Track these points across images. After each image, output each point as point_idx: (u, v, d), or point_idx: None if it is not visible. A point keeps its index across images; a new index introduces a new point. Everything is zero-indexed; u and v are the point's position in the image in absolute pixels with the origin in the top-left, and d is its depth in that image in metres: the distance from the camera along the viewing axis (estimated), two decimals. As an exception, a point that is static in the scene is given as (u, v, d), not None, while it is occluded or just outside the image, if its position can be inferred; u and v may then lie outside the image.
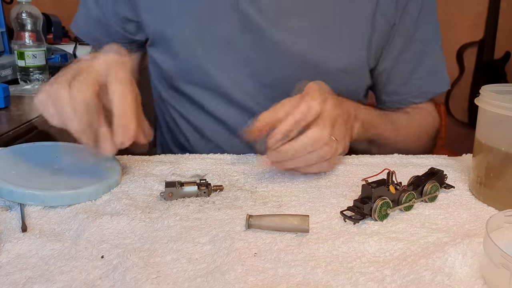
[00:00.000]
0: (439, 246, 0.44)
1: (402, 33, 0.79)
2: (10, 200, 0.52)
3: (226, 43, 0.77)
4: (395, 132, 0.79)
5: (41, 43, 1.20)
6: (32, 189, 0.51)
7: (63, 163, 0.59)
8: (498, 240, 0.37)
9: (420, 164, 0.66)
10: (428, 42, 0.82)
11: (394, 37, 0.79)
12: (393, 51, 0.80)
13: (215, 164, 0.65)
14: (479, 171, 0.55)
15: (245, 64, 0.78)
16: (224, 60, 0.78)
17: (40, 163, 0.57)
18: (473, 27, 2.15)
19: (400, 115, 0.83)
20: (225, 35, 0.76)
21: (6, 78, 1.22)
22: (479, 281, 0.39)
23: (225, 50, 0.77)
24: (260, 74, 0.78)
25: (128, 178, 0.59)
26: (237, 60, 0.78)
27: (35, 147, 0.61)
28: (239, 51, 0.77)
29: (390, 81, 0.84)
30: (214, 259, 0.42)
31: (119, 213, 0.50)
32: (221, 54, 0.77)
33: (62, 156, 0.60)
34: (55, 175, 0.55)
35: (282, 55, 0.76)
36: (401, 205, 0.51)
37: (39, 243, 0.44)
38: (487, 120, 0.54)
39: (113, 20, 0.82)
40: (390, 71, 0.82)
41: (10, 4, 1.48)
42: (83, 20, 0.86)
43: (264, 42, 0.76)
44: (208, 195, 0.55)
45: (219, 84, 0.79)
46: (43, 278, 0.39)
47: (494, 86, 0.55)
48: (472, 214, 0.51)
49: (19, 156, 0.52)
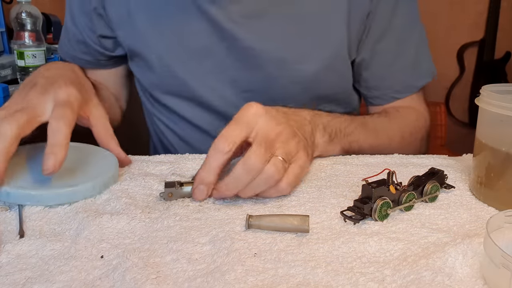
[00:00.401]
0: (440, 246, 0.43)
1: (379, 21, 0.76)
2: (7, 201, 0.52)
3: (200, 52, 0.76)
4: (374, 138, 0.75)
5: (40, 43, 1.20)
6: (28, 190, 0.51)
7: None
8: (499, 240, 0.37)
9: (420, 164, 0.66)
10: (407, 29, 0.79)
11: (371, 26, 0.76)
12: (370, 40, 0.77)
13: (215, 164, 0.65)
14: (479, 171, 0.55)
15: (220, 71, 0.77)
16: (200, 69, 0.77)
17: (34, 164, 0.57)
18: (474, 27, 2.14)
19: (377, 119, 0.79)
20: (198, 44, 0.75)
21: (5, 78, 1.21)
22: (480, 281, 0.39)
23: (199, 59, 0.76)
24: (237, 80, 0.77)
25: (128, 177, 0.59)
26: (213, 68, 0.77)
27: (27, 148, 0.61)
28: (214, 59, 0.76)
29: (370, 74, 0.81)
30: (214, 259, 0.42)
31: (119, 212, 0.50)
32: (196, 63, 0.77)
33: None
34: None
35: (257, 59, 0.75)
36: (401, 205, 0.51)
37: (39, 243, 0.44)
38: (488, 120, 0.54)
39: (90, 38, 0.82)
40: (369, 62, 0.79)
41: (10, 4, 1.48)
42: (65, 41, 0.87)
43: (238, 48, 0.74)
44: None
45: (197, 94, 0.79)
46: (43, 278, 0.39)
47: (494, 86, 0.55)
48: (472, 214, 0.51)
49: (13, 157, 0.52)
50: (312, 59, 0.75)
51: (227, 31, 0.73)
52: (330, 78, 0.78)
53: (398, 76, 0.81)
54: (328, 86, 0.74)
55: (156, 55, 0.78)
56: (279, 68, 0.75)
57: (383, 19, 0.76)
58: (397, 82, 0.81)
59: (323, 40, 0.75)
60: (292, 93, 0.77)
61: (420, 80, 0.82)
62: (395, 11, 0.76)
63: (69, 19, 0.84)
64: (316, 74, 0.76)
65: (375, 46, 0.78)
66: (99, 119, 0.64)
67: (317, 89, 0.78)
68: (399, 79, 0.81)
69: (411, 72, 0.81)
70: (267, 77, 0.76)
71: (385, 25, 0.77)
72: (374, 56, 0.79)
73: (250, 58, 0.75)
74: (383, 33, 0.77)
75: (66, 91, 0.58)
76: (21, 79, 1.20)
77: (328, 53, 0.76)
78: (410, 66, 0.81)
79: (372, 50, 0.78)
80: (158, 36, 0.76)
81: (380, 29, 0.77)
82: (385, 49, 0.79)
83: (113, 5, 0.78)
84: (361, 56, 0.79)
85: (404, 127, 0.80)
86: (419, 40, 0.81)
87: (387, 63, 0.80)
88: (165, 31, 0.76)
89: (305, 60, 0.75)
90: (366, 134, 0.74)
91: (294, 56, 0.75)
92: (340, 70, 0.79)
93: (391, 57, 0.79)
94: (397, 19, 0.77)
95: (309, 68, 0.76)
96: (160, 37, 0.76)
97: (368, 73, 0.81)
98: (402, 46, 0.79)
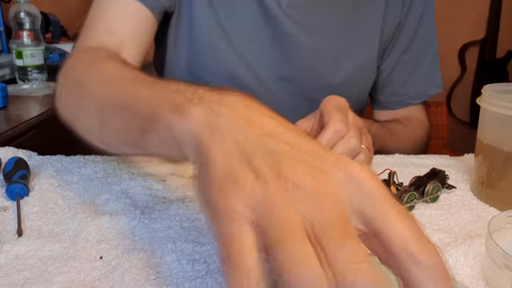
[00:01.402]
0: (441, 247, 0.43)
1: (406, 32, 0.80)
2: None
3: (246, 33, 0.77)
4: (395, 143, 0.79)
5: (39, 42, 1.20)
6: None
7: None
8: (500, 241, 0.37)
9: (421, 164, 0.65)
10: (428, 42, 0.83)
11: (399, 36, 0.80)
12: (396, 50, 0.81)
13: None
14: (481, 171, 0.54)
15: (261, 55, 0.78)
16: (243, 49, 0.78)
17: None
18: (475, 26, 2.14)
19: (396, 125, 0.83)
20: (244, 26, 0.76)
21: (4, 78, 1.21)
22: (481, 282, 0.39)
23: (244, 40, 0.77)
24: (275, 66, 0.78)
25: (128, 177, 0.59)
26: (255, 50, 0.78)
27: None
28: (258, 42, 0.77)
29: (390, 81, 0.84)
30: (214, 260, 0.42)
31: (118, 213, 0.50)
32: (240, 43, 0.77)
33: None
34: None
35: (297, 48, 0.76)
36: (402, 205, 0.50)
37: (37, 244, 0.44)
38: (489, 120, 0.54)
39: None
40: (391, 71, 0.83)
41: (9, 3, 1.48)
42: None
43: (281, 35, 0.76)
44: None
45: (234, 72, 0.79)
46: (42, 279, 0.39)
47: (496, 86, 0.55)
48: (474, 214, 0.51)
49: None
50: (348, 57, 0.78)
51: (274, 17, 0.75)
52: (359, 80, 0.80)
53: (415, 84, 0.84)
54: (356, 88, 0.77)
55: (203, 26, 0.75)
56: (316, 60, 0.77)
57: (410, 30, 0.80)
58: (414, 90, 0.84)
59: (361, 41, 0.78)
60: (323, 89, 0.78)
61: (433, 90, 0.85)
62: (420, 23, 0.80)
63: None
64: (351, 71, 0.78)
65: (401, 56, 0.82)
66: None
67: (348, 89, 0.80)
68: (416, 87, 0.84)
69: (426, 80, 0.85)
70: (306, 68, 0.78)
71: (411, 36, 0.81)
72: (398, 65, 0.82)
73: (291, 46, 0.76)
74: (409, 45, 0.81)
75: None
76: (20, 78, 1.20)
77: (364, 54, 0.79)
78: (426, 75, 0.84)
79: (397, 59, 0.82)
80: (210, 12, 0.75)
81: (406, 40, 0.81)
82: (408, 59, 0.82)
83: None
84: (385, 64, 0.82)
85: (414, 134, 0.84)
86: (434, 53, 0.85)
87: (408, 72, 0.83)
88: (218, 9, 0.75)
89: (342, 56, 0.78)
90: (391, 139, 0.78)
91: (333, 51, 0.77)
92: (368, 74, 0.82)
93: (412, 67, 0.83)
94: (421, 31, 0.81)
95: (344, 65, 0.78)
96: (212, 14, 0.75)
97: (389, 81, 0.84)
98: (422, 57, 0.83)
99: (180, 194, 0.55)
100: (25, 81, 1.19)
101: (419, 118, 0.87)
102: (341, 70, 0.79)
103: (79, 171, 0.60)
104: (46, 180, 0.57)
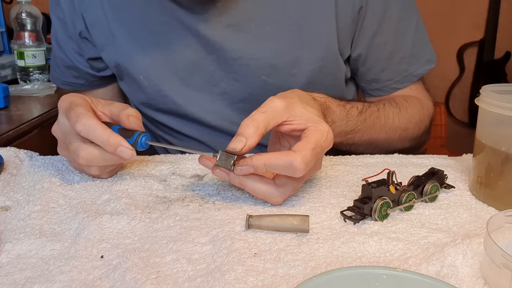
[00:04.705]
0: (440, 247, 0.43)
1: (372, 15, 0.74)
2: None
3: (188, 68, 0.75)
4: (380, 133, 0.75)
5: (41, 43, 1.20)
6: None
7: None
8: (499, 240, 0.37)
9: (420, 164, 0.66)
10: (403, 19, 0.77)
11: (364, 21, 0.74)
12: (365, 35, 0.76)
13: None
14: (479, 171, 0.55)
15: (211, 85, 0.76)
16: (189, 86, 0.76)
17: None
18: (473, 27, 2.14)
19: (386, 111, 0.76)
20: (185, 61, 0.75)
21: (6, 78, 1.22)
22: (480, 281, 0.39)
23: (188, 76, 0.76)
24: (228, 92, 0.76)
25: (128, 177, 0.59)
26: (202, 83, 0.76)
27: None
28: (203, 73, 0.75)
29: (367, 69, 0.79)
30: (214, 259, 0.42)
31: (119, 212, 0.50)
32: (185, 80, 0.76)
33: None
34: None
35: (247, 68, 0.74)
36: (401, 205, 0.51)
37: (39, 243, 0.44)
38: (488, 120, 0.54)
39: (79, 62, 0.82)
40: (366, 57, 0.78)
41: (10, 4, 1.48)
42: (55, 68, 0.87)
43: (227, 59, 0.73)
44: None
45: (187, 111, 0.78)
46: (43, 278, 0.39)
47: (494, 86, 0.55)
48: (472, 214, 0.51)
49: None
50: (303, 63, 0.74)
51: (213, 43, 0.72)
52: (323, 79, 0.76)
53: (397, 67, 0.79)
54: (321, 88, 0.74)
55: (143, 75, 0.77)
56: (270, 75, 0.74)
57: (376, 12, 0.74)
58: (397, 73, 0.79)
59: (311, 41, 0.73)
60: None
61: (420, 68, 0.80)
62: (388, 2, 0.74)
63: (56, 46, 0.84)
64: (309, 77, 0.75)
65: (372, 41, 0.76)
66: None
67: (313, 87, 0.76)
68: (399, 70, 0.79)
69: (411, 61, 0.79)
70: (259, 86, 0.75)
71: (379, 18, 0.75)
72: (371, 51, 0.77)
73: (240, 67, 0.74)
74: (378, 27, 0.75)
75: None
76: (21, 79, 1.20)
77: (319, 54, 0.74)
78: (409, 56, 0.79)
79: (369, 45, 0.77)
80: (142, 55, 0.75)
81: (374, 23, 0.75)
82: (382, 42, 0.77)
83: (95, 27, 0.77)
84: (357, 51, 0.77)
85: (411, 118, 0.79)
86: (416, 27, 0.79)
87: (385, 56, 0.78)
88: (149, 50, 0.75)
89: (296, 64, 0.74)
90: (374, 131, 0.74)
91: (284, 61, 0.74)
92: (332, 70, 0.77)
93: (389, 50, 0.78)
94: (391, 10, 0.75)
95: (301, 72, 0.74)
96: (145, 57, 0.75)
97: (365, 68, 0.80)
98: (400, 37, 0.77)
99: (180, 194, 0.56)
100: (26, 81, 1.19)
101: (416, 96, 0.81)
102: (297, 78, 0.74)
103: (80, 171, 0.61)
104: (48, 179, 0.57)
